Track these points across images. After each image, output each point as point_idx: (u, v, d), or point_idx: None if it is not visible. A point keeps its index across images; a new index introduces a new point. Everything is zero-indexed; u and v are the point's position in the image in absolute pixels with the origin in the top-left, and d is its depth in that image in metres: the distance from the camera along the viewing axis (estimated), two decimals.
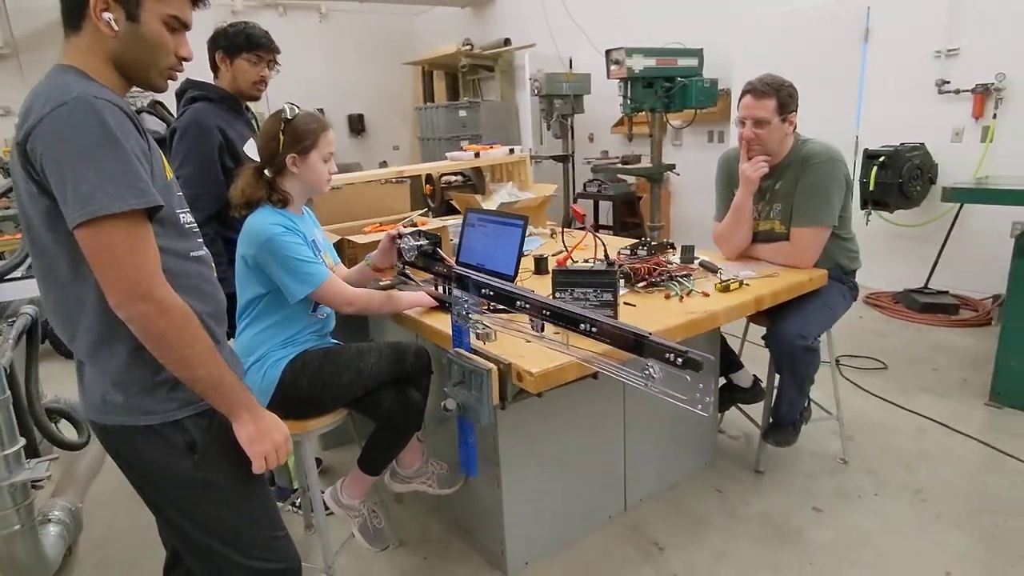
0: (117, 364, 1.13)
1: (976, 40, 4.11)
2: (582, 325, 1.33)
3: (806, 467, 2.59)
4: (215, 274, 1.31)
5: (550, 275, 1.82)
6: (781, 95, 2.22)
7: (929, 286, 4.42)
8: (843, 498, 2.38)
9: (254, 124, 2.31)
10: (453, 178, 4.01)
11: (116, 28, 1.09)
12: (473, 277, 1.52)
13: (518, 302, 1.45)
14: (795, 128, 2.31)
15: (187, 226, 1.23)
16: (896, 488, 2.41)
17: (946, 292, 4.34)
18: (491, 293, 1.52)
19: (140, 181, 1.04)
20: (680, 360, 1.11)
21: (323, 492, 2.00)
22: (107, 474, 2.64)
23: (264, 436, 1.20)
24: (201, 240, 1.28)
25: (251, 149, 2.16)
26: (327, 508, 2.00)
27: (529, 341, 1.64)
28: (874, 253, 4.89)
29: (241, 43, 2.13)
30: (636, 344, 1.20)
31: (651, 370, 1.11)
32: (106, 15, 1.07)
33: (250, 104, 2.32)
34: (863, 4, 4.60)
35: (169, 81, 1.20)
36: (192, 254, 1.23)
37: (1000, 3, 3.93)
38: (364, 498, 2.04)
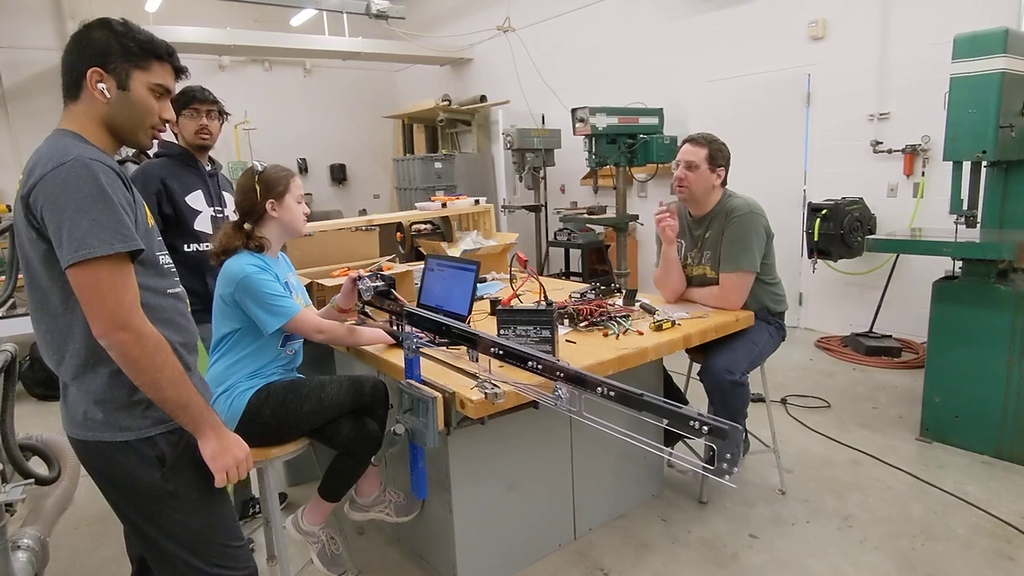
0: (99, 384, 1.30)
1: (903, 105, 4.52)
2: (599, 388, 1.35)
3: (747, 497, 2.75)
4: (189, 309, 1.49)
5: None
6: (712, 148, 2.52)
7: (874, 330, 4.69)
8: (778, 525, 2.54)
9: (210, 177, 2.49)
10: (423, 226, 4.24)
11: (108, 96, 1.29)
12: (419, 314, 1.71)
13: (483, 345, 1.62)
14: (723, 182, 2.58)
15: (165, 266, 1.41)
16: (827, 515, 2.58)
17: (890, 336, 4.61)
18: (444, 329, 1.72)
19: (125, 229, 1.22)
20: (706, 428, 1.15)
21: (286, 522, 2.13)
22: (71, 514, 2.71)
23: (226, 452, 1.36)
24: (177, 279, 1.46)
25: (195, 200, 2.40)
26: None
27: (475, 375, 1.84)
28: (824, 299, 5.21)
29: (176, 102, 2.37)
30: (671, 414, 1.24)
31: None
32: (100, 85, 1.28)
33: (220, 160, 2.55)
34: (803, 72, 5.02)
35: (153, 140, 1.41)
36: (168, 291, 1.41)
37: (921, 73, 4.34)
38: (323, 525, 2.16)
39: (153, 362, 1.25)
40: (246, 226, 1.99)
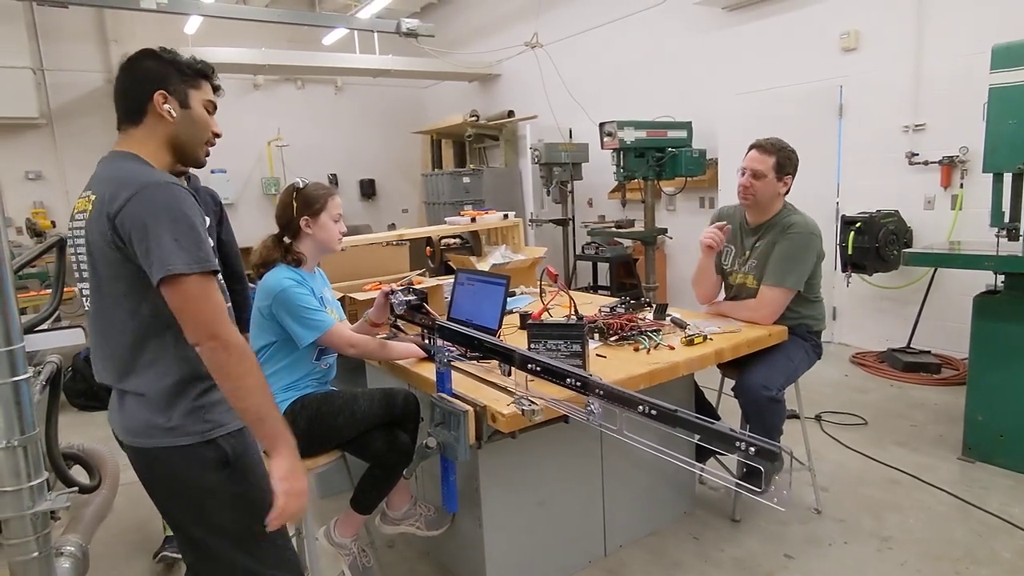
0: (165, 394, 1.35)
1: (939, 116, 4.43)
2: (640, 407, 1.28)
3: (780, 516, 2.69)
4: (234, 323, 1.54)
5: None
6: (780, 156, 2.48)
7: (912, 345, 4.56)
8: (814, 545, 2.48)
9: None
10: (453, 241, 4.27)
11: (175, 115, 1.40)
12: (451, 328, 1.73)
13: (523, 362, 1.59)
14: (788, 190, 2.55)
15: (220, 283, 1.46)
16: (865, 536, 2.52)
17: (928, 352, 4.48)
18: (475, 343, 1.72)
19: (206, 251, 1.29)
20: (753, 450, 1.07)
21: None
22: (110, 522, 2.77)
23: (294, 475, 1.35)
24: (228, 295, 1.52)
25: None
26: None
27: (507, 388, 1.84)
28: (859, 313, 5.09)
29: None
30: (720, 436, 1.18)
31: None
32: (166, 106, 1.39)
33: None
34: (835, 83, 4.96)
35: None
36: None
37: (957, 84, 4.26)
38: (355, 537, 2.18)
39: (238, 369, 1.31)
40: (285, 240, 2.05)
